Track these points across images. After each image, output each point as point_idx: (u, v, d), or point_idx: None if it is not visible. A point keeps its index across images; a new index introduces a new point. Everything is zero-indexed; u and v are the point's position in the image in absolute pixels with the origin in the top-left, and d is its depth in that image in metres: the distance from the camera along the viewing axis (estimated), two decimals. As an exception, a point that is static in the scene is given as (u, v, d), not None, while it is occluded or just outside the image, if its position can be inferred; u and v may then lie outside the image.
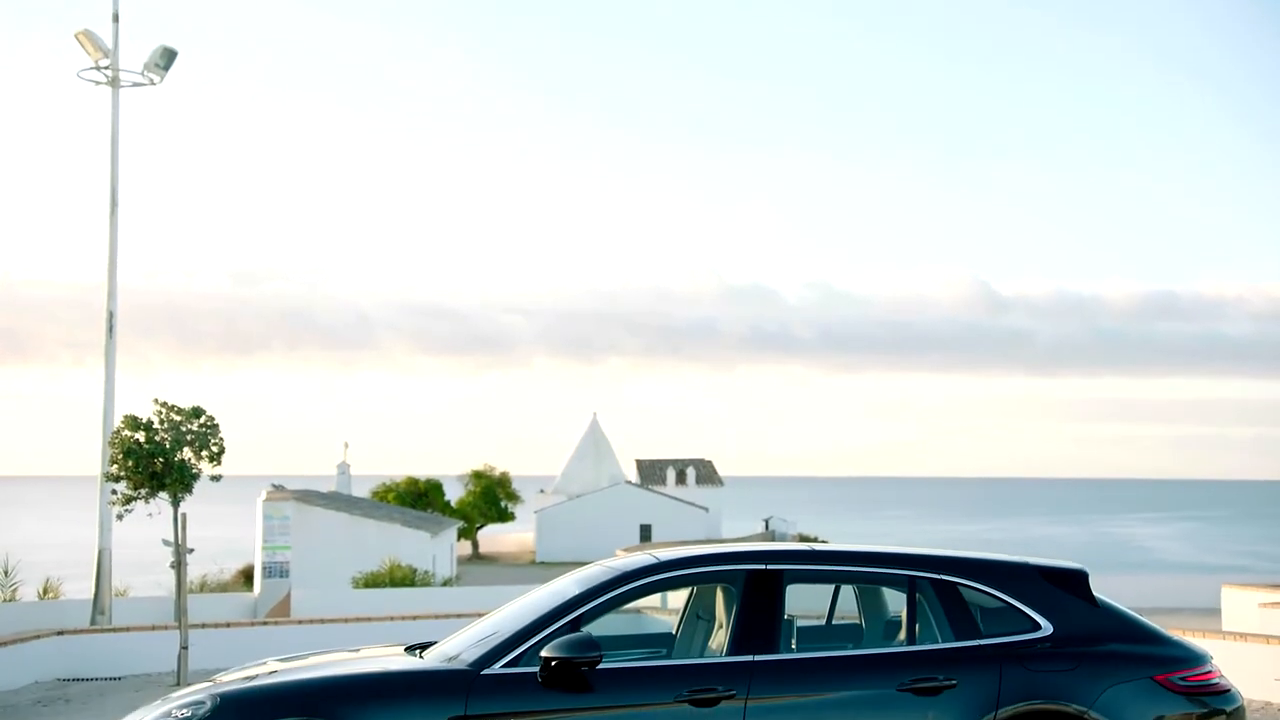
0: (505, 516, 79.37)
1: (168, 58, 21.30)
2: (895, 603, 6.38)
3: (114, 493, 20.03)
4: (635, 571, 6.12)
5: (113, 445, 19.80)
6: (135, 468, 19.65)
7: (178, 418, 20.28)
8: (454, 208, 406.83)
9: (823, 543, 7.87)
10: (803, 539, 69.45)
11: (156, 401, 20.42)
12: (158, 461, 19.74)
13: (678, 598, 6.94)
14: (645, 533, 72.48)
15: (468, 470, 79.46)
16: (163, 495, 20.02)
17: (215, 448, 20.45)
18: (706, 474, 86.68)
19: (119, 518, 20.23)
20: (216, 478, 20.71)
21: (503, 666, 5.69)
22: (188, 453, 20.10)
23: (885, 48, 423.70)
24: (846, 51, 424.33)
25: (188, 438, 20.17)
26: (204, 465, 20.43)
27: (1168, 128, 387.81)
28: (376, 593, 23.75)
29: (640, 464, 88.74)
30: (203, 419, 20.50)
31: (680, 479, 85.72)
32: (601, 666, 5.66)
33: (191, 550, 13.85)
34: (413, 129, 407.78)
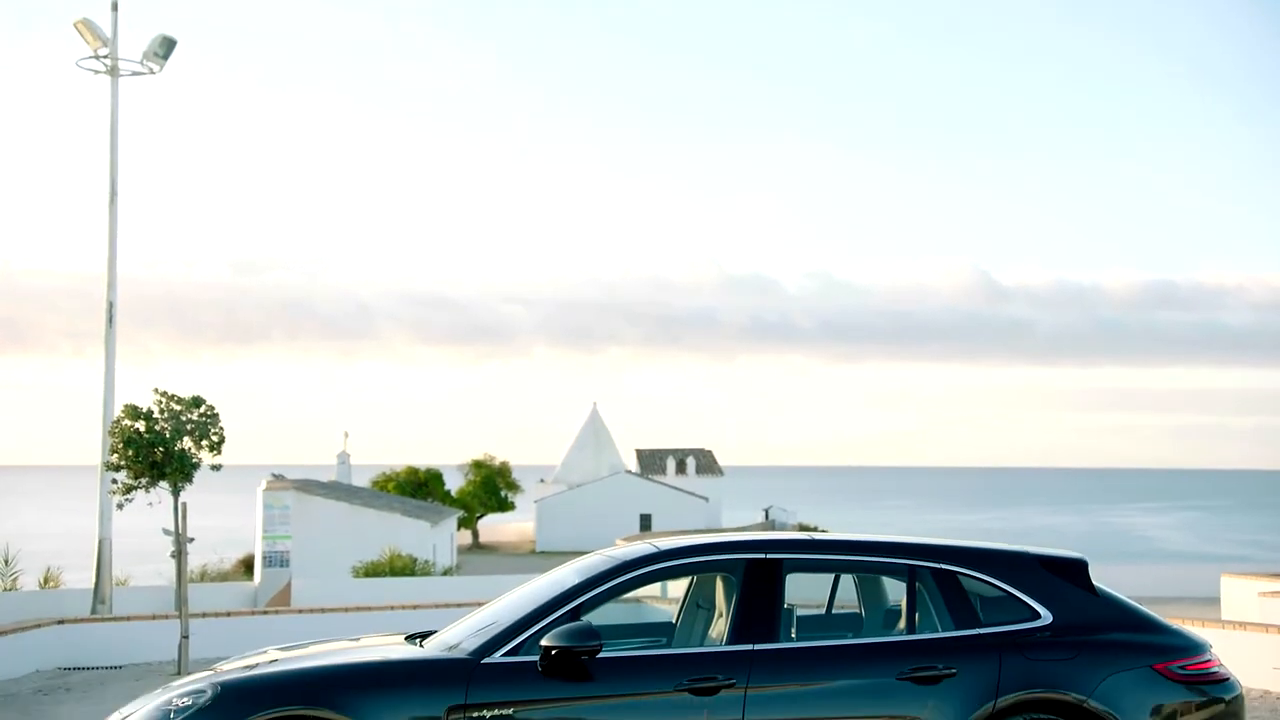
0: (505, 506, 79.46)
1: (167, 46, 21.25)
2: (895, 592, 6.39)
3: (114, 482, 20.04)
4: (635, 561, 6.12)
5: (113, 435, 19.81)
6: (135, 457, 19.66)
7: (178, 407, 20.29)
8: (454, 198, 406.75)
9: (822, 532, 7.89)
10: (802, 528, 69.48)
11: (157, 391, 20.43)
12: (158, 451, 19.75)
13: (678, 587, 6.95)
14: (645, 522, 72.54)
15: (468, 460, 79.57)
16: (163, 485, 20.04)
17: (215, 437, 20.46)
18: (706, 464, 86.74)
19: (119, 507, 20.24)
20: (217, 467, 20.72)
21: (503, 655, 5.70)
22: (188, 442, 20.11)
23: (885, 38, 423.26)
24: (847, 42, 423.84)
25: (188, 427, 20.18)
26: (204, 455, 20.44)
27: (1168, 118, 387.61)
28: (376, 582, 23.77)
29: (640, 454, 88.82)
30: (203, 408, 20.51)
31: (680, 469, 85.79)
32: (601, 655, 5.67)
33: (192, 539, 13.87)
34: (413, 119, 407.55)
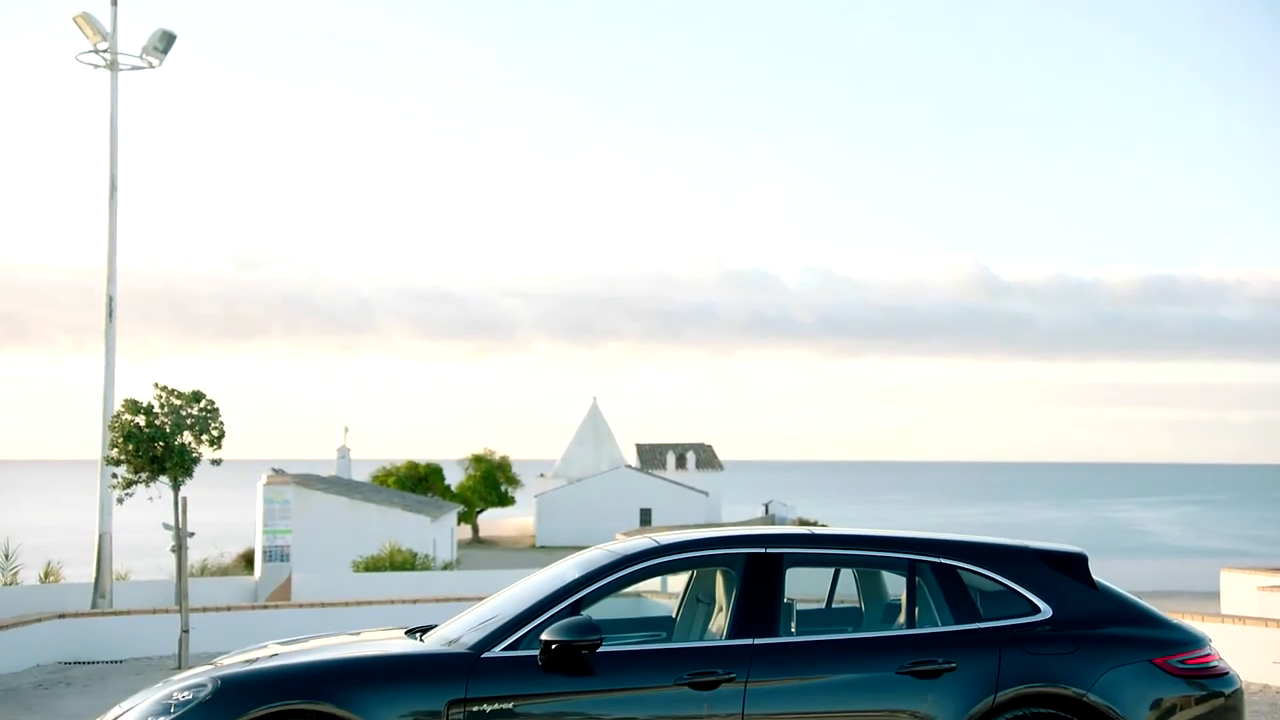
0: (505, 501, 79.47)
1: (166, 41, 21.24)
2: (895, 586, 6.39)
3: (114, 476, 20.06)
4: (635, 555, 6.12)
5: (113, 429, 19.82)
6: (136, 451, 19.68)
7: (178, 402, 20.31)
8: (454, 192, 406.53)
9: (822, 527, 7.89)
10: (802, 523, 69.52)
11: (157, 385, 20.45)
12: (158, 445, 19.78)
13: (678, 581, 6.96)
14: (645, 517, 72.59)
15: (468, 454, 79.56)
16: (163, 479, 20.07)
17: (215, 432, 20.49)
18: (706, 458, 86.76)
19: (119, 501, 20.26)
20: (217, 462, 20.74)
21: (503, 650, 5.70)
22: (188, 437, 20.14)
23: (886, 34, 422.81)
24: (847, 37, 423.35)
25: (188, 422, 20.20)
26: (204, 449, 20.47)
27: (1168, 113, 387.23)
28: (377, 576, 23.78)
29: (640, 448, 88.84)
30: (203, 403, 20.53)
31: (680, 463, 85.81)
32: (601, 650, 5.67)
33: (192, 534, 13.87)
34: (413, 114, 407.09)
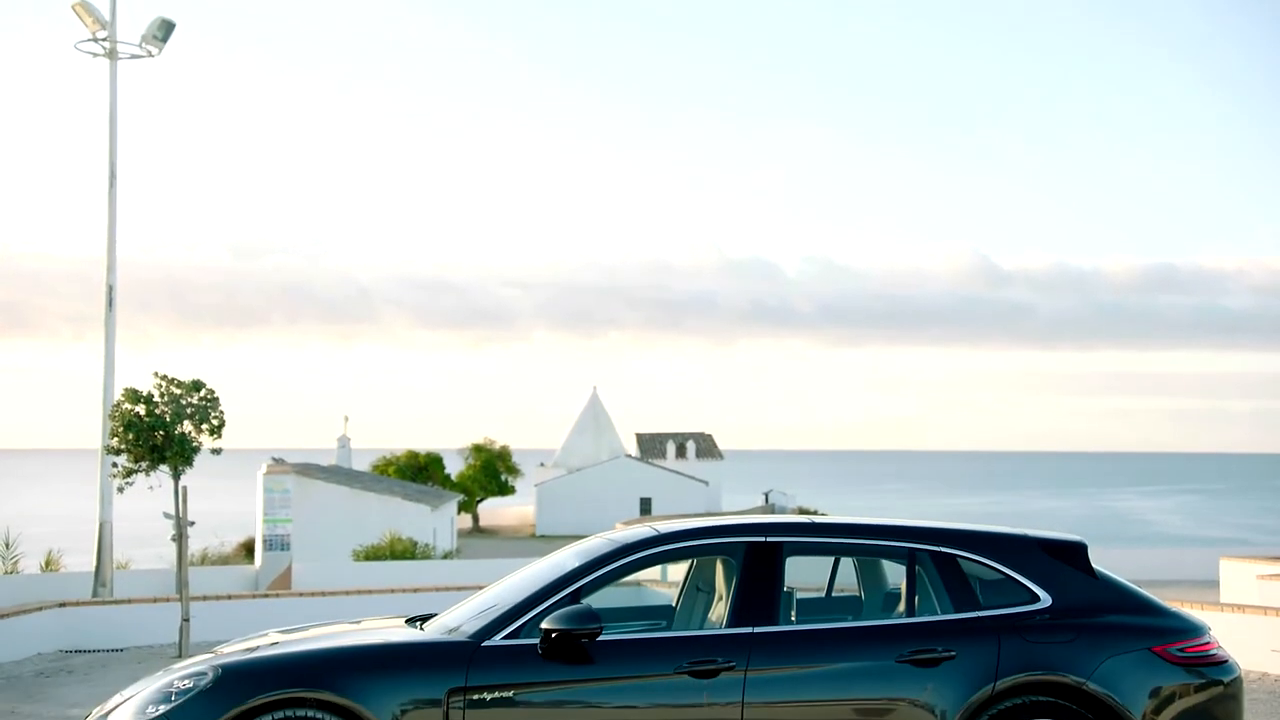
0: (505, 490, 79.53)
1: (166, 29, 21.19)
2: (894, 575, 6.39)
3: (115, 466, 20.06)
4: (635, 544, 6.13)
5: (113, 418, 19.82)
6: (136, 441, 19.67)
7: (178, 391, 20.30)
8: (454, 181, 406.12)
9: (822, 516, 7.90)
10: (802, 512, 69.60)
11: (157, 375, 20.43)
12: (158, 435, 19.77)
13: (678, 570, 6.97)
14: (645, 506, 72.62)
15: (468, 444, 79.60)
16: (163, 468, 20.06)
17: (216, 421, 20.48)
18: (706, 447, 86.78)
19: (120, 491, 20.26)
20: (217, 451, 20.74)
21: (503, 638, 5.71)
22: (188, 426, 20.13)
23: (886, 23, 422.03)
24: (847, 27, 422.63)
25: (188, 411, 20.19)
26: (204, 438, 20.46)
27: (1168, 102, 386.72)
28: (377, 565, 23.80)
29: (640, 437, 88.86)
30: (203, 392, 20.52)
31: (680, 452, 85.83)
32: (601, 638, 5.68)
33: (192, 523, 13.88)
34: (413, 103, 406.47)
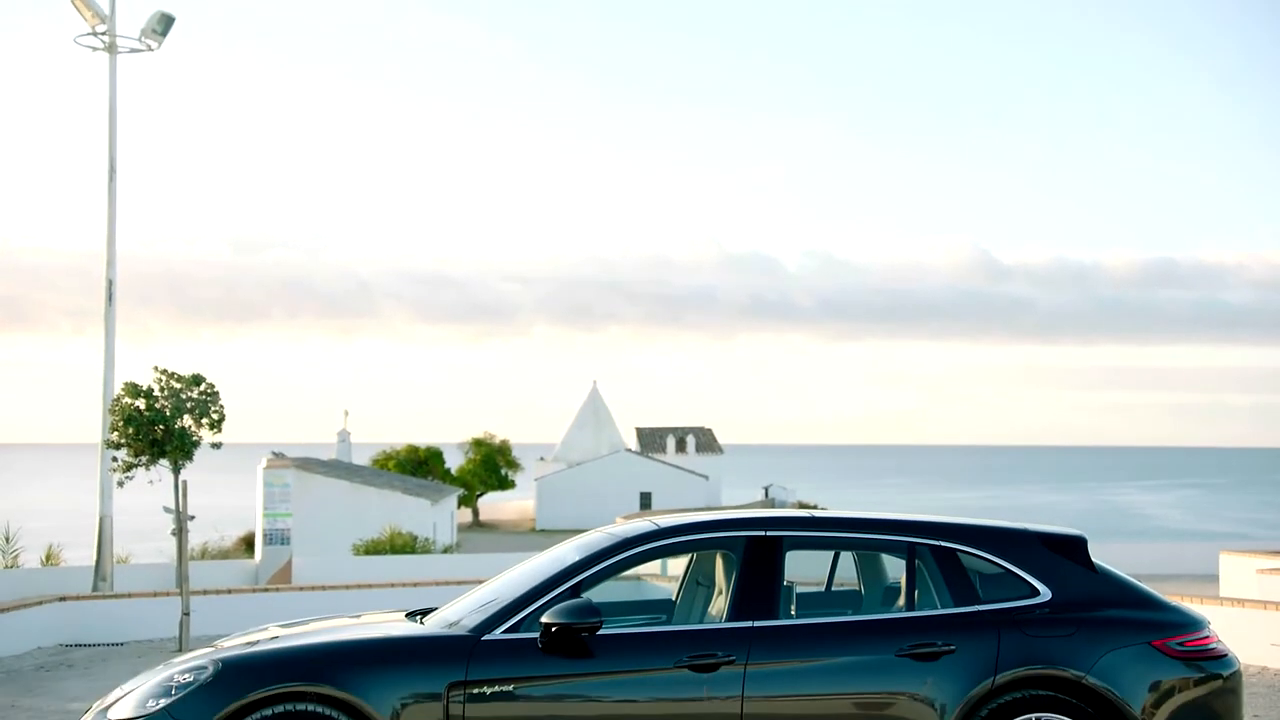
0: (505, 484, 79.53)
1: (165, 23, 21.17)
2: (894, 569, 6.39)
3: (115, 460, 20.07)
4: (635, 538, 6.12)
5: (113, 413, 19.83)
6: (136, 435, 19.69)
7: (178, 385, 20.31)
8: (454, 175, 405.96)
9: (822, 510, 7.90)
10: (802, 507, 69.63)
11: (157, 369, 20.45)
12: (158, 429, 19.78)
13: (678, 564, 6.96)
14: (645, 500, 72.65)
15: (468, 438, 79.58)
16: (163, 462, 20.08)
17: (216, 415, 20.49)
18: (706, 442, 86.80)
19: (120, 485, 20.28)
20: (217, 445, 20.76)
21: (503, 632, 5.70)
22: (188, 420, 20.14)
23: (885, 16, 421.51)
24: (847, 20, 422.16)
25: (188, 405, 20.21)
26: (204, 433, 20.48)
27: (1169, 96, 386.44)
28: (377, 559, 23.82)
29: (640, 432, 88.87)
30: (203, 386, 20.53)
31: (680, 447, 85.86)
32: (602, 632, 5.68)
33: (192, 517, 13.90)
34: (413, 97, 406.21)
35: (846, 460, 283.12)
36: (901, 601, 6.14)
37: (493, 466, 78.24)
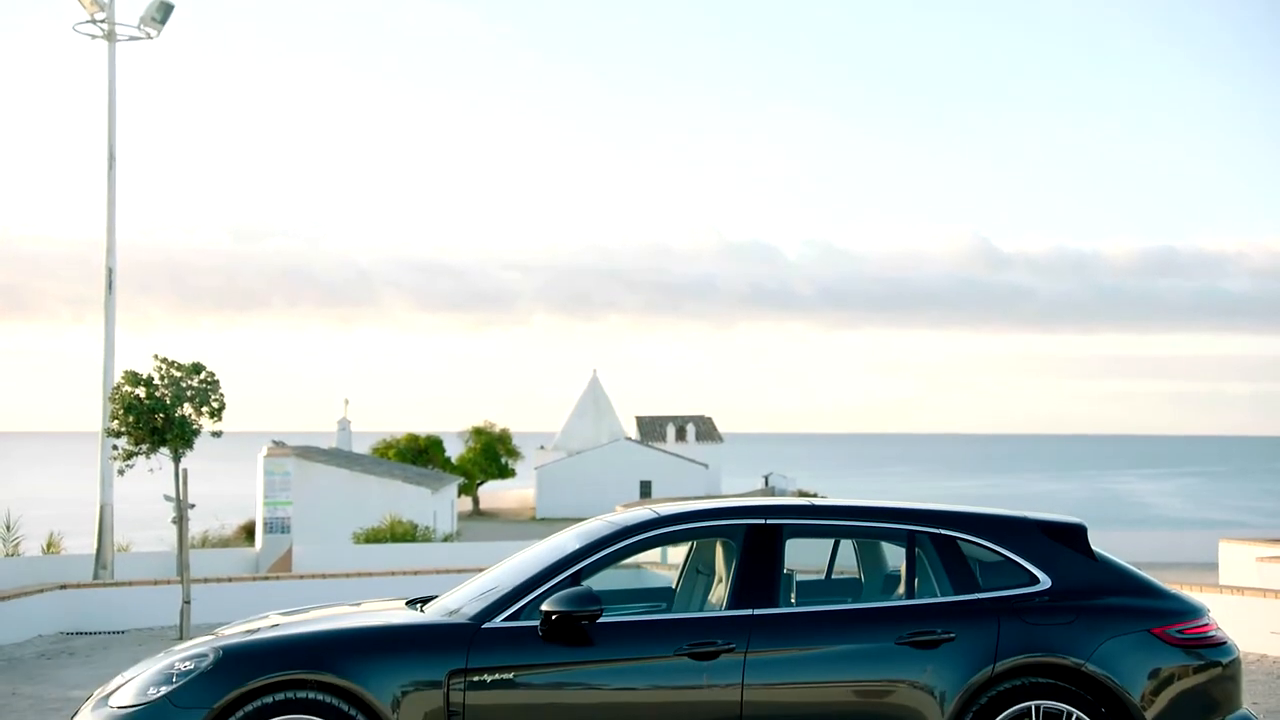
0: (506, 473, 79.63)
1: (164, 11, 21.12)
2: (894, 557, 6.39)
3: (115, 448, 20.07)
4: (635, 526, 6.12)
5: (113, 401, 19.82)
6: (136, 423, 19.68)
7: (178, 373, 20.30)
8: (453, 164, 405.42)
9: (822, 498, 7.90)
10: (802, 495, 69.70)
11: (157, 357, 20.43)
12: (158, 417, 19.78)
13: (678, 552, 6.96)
14: (645, 489, 72.70)
15: (468, 427, 79.69)
16: (164, 451, 20.07)
17: (216, 404, 20.48)
18: (706, 430, 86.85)
19: (120, 473, 20.27)
20: (217, 434, 20.75)
21: (503, 620, 5.71)
22: (188, 408, 20.13)
23: (886, 6, 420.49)
24: (846, 9, 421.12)
25: (188, 393, 20.19)
26: (205, 421, 20.47)
27: (1168, 85, 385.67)
28: (377, 548, 23.83)
29: (640, 420, 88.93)
30: (203, 375, 20.52)
31: (680, 435, 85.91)
32: (602, 620, 5.68)
33: (193, 506, 13.90)
34: (413, 85, 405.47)
35: (846, 449, 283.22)
36: (901, 589, 6.14)
37: (493, 455, 78.32)
